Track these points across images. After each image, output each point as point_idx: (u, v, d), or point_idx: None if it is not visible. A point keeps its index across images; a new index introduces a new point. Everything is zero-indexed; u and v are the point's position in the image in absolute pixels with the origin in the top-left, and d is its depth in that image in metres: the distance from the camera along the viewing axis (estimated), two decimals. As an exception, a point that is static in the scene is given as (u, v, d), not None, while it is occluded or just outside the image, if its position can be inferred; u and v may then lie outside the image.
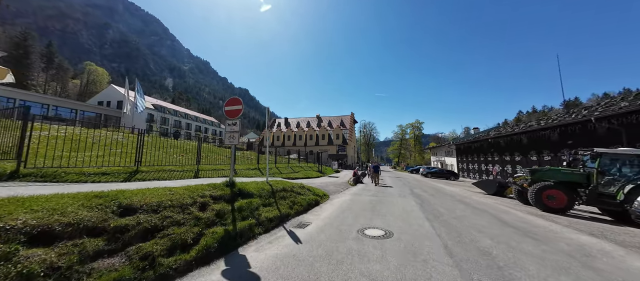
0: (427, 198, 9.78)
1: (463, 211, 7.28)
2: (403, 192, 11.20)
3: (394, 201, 8.61)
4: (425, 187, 15.16)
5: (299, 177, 14.38)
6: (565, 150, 10.71)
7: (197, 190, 4.39)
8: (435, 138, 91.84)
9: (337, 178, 17.31)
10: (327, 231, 4.68)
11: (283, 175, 13.15)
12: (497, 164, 24.44)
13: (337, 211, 6.61)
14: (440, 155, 46.65)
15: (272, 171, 13.41)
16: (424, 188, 14.18)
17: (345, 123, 52.47)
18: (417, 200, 9.11)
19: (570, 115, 16.40)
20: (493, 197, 11.96)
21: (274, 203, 5.78)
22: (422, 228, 4.97)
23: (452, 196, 11.02)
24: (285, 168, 15.65)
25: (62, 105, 33.44)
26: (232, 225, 3.93)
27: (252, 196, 5.31)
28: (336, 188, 11.42)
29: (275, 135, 52.80)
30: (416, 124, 68.54)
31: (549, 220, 6.60)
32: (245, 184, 5.87)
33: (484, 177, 25.80)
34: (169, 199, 3.64)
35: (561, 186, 8.01)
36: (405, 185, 15.43)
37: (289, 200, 6.47)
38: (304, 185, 8.83)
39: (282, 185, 7.19)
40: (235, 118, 5.75)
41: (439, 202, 8.95)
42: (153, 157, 7.85)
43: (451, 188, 15.81)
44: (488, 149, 26.13)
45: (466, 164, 31.99)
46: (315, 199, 7.69)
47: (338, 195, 9.72)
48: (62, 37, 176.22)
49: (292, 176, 13.73)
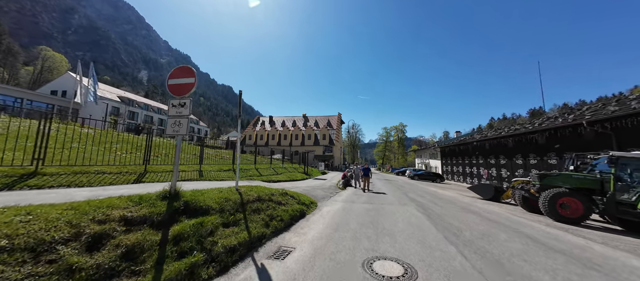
0: (429, 205, 8.58)
1: (480, 224, 6.08)
2: (400, 198, 9.95)
3: (395, 211, 7.24)
4: (419, 191, 14.15)
5: (281, 179, 12.63)
6: (556, 154, 10.21)
7: (100, 208, 2.58)
8: (417, 141, 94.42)
9: (325, 181, 15.79)
10: (318, 265, 3.10)
11: (263, 178, 11.34)
12: (482, 167, 24.54)
13: (329, 228, 5.04)
14: (425, 158, 47.17)
15: (250, 173, 11.54)
16: (419, 192, 13.13)
17: (332, 123, 51.29)
18: (420, 208, 7.84)
19: (559, 119, 16.42)
20: (492, 202, 11.15)
21: (243, 220, 4.07)
22: (451, 259, 3.56)
23: (453, 202, 9.97)
24: (266, 170, 13.81)
25: (6, 92, 28.39)
26: (153, 273, 2.21)
27: (206, 212, 3.56)
28: (325, 193, 9.88)
29: (258, 133, 50.10)
30: (400, 127, 69.58)
31: (580, 235, 5.59)
32: (200, 194, 4.08)
33: (470, 180, 25.84)
34: (14, 231, 1.83)
35: (576, 193, 7.18)
36: (398, 189, 14.31)
37: (265, 213, 4.78)
38: (286, 190, 7.17)
39: (257, 193, 5.48)
40: (183, 97, 3.92)
41: (445, 211, 7.74)
42: (83, 155, 5.73)
43: (445, 192, 14.99)
44: (473, 152, 26.23)
45: (450, 167, 32.17)
46: (300, 209, 6.06)
47: (327, 203, 8.18)
48: (18, 19, 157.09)
49: (273, 179, 11.95)
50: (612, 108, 12.67)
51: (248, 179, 10.20)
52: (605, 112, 12.49)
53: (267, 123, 54.33)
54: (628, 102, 12.96)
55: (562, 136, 15.02)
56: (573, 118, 14.57)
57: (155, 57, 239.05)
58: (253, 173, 11.71)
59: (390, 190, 13.55)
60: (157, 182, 6.01)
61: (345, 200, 8.96)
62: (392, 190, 13.26)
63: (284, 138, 48.75)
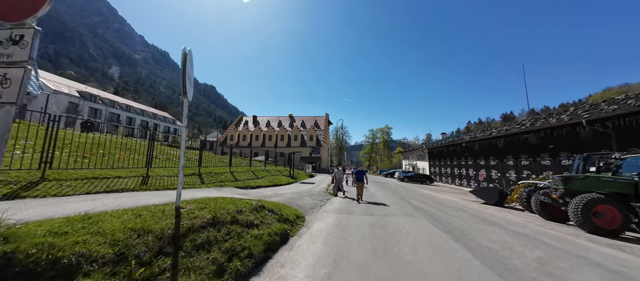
0: (441, 216, 7.13)
1: (517, 244, 4.65)
2: (402, 206, 8.45)
3: (404, 226, 5.65)
4: (417, 195, 12.86)
5: (262, 185, 10.66)
6: (550, 154, 9.39)
7: None
8: (401, 143, 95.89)
9: (313, 185, 14.01)
10: None
11: (238, 184, 9.31)
12: (471, 168, 24.19)
13: (324, 262, 3.29)
14: (412, 159, 47.11)
15: (222, 178, 9.44)
16: (418, 197, 11.81)
17: (320, 124, 49.68)
18: (433, 221, 6.34)
19: (553, 118, 16.10)
20: (498, 208, 10.08)
21: (169, 270, 2.20)
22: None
23: (462, 210, 8.66)
24: (243, 174, 11.73)
25: None
26: None
27: (66, 275, 1.66)
28: (313, 202, 8.10)
29: (240, 134, 47.07)
30: (385, 129, 69.99)
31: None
32: (71, 231, 2.10)
33: (459, 182, 25.42)
34: None
35: (611, 199, 6.10)
36: (393, 193, 12.91)
37: (221, 247, 2.92)
38: (264, 202, 5.30)
39: (214, 211, 3.57)
40: (19, 24, 1.90)
41: (464, 224, 6.31)
42: None
43: (444, 196, 13.87)
44: (462, 153, 25.92)
45: (438, 168, 31.88)
46: (281, 231, 4.24)
47: (318, 215, 6.41)
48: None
49: (252, 184, 9.95)
50: (613, 106, 12.30)
51: (217, 186, 8.14)
52: (605, 110, 12.08)
53: (251, 124, 51.42)
54: (624, 101, 12.68)
55: (558, 136, 14.63)
56: (570, 117, 14.19)
57: (129, 52, 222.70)
58: (226, 178, 9.62)
59: (385, 194, 12.10)
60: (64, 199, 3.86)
61: (340, 210, 7.25)
62: (388, 195, 11.82)
63: (268, 139, 46.22)
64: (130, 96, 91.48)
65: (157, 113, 59.87)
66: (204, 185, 7.71)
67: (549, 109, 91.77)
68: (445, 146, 29.82)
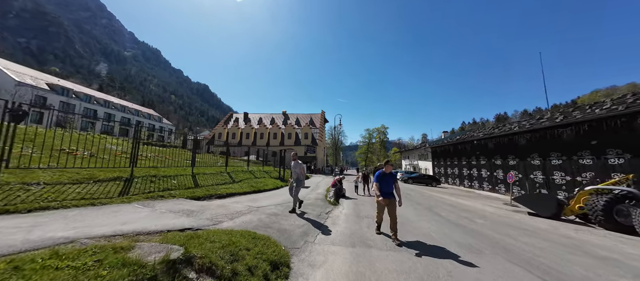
0: (511, 245, 4.36)
1: None
2: (441, 227, 5.67)
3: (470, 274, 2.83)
4: (441, 204, 10.12)
5: (237, 192, 7.69)
6: (592, 152, 6.86)
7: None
8: (397, 144, 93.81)
9: (308, 189, 11.11)
10: None
11: (197, 193, 6.32)
12: (484, 168, 21.71)
13: None
14: (413, 159, 44.71)
15: (174, 183, 6.43)
16: (448, 208, 9.04)
17: (315, 121, 46.75)
18: (515, 261, 3.55)
19: (595, 109, 13.59)
20: (566, 223, 7.39)
21: None
22: None
23: (521, 228, 5.92)
24: (214, 176, 8.73)
25: None
26: None
27: None
28: (306, 223, 5.21)
29: (230, 131, 43.68)
30: (382, 129, 68.02)
31: None
32: None
33: (468, 183, 22.85)
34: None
35: None
36: (412, 202, 10.13)
37: None
38: (194, 247, 2.38)
39: None
40: None
41: (564, 264, 3.53)
42: None
43: (470, 202, 11.18)
44: (472, 152, 23.43)
45: (443, 168, 29.38)
46: None
47: (314, 254, 3.52)
48: None
49: (220, 192, 6.98)
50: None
51: (155, 198, 5.15)
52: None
53: (241, 120, 48.08)
54: None
55: (606, 130, 12.10)
56: (626, 105, 11.61)
57: (118, 49, 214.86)
58: (181, 184, 6.62)
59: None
60: None
61: (350, 236, 4.39)
62: (406, 203, 9.00)
63: (260, 137, 43.02)
64: (116, 93, 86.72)
65: (140, 110, 55.84)
66: (124, 197, 4.70)
67: (541, 110, 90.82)
68: (453, 144, 27.34)
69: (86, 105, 40.94)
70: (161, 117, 62.45)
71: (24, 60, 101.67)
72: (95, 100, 43.71)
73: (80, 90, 42.32)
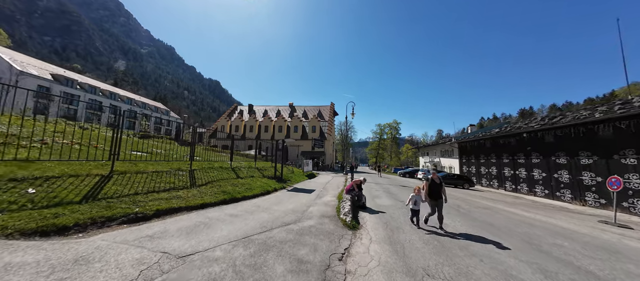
0: None
1: None
2: None
3: None
4: (517, 223, 6.25)
5: (188, 205, 4.37)
6: None
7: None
8: (409, 140, 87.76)
9: (311, 194, 7.67)
10: None
11: (116, 210, 2.90)
12: (536, 168, 17.10)
13: None
14: (433, 156, 39.96)
15: (122, 183, 3.09)
16: (522, 227, 5.19)
17: (324, 114, 43.09)
18: None
19: None
20: None
21: None
22: None
23: None
24: (167, 178, 5.44)
25: None
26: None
27: None
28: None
29: (233, 124, 41.12)
30: (394, 124, 63.41)
31: None
32: None
33: (511, 186, 18.35)
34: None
35: None
36: (466, 217, 6.32)
37: None
38: None
39: None
40: None
41: None
42: None
43: (555, 220, 7.19)
44: (521, 147, 18.73)
45: (475, 167, 24.73)
46: None
47: None
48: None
49: (174, 206, 3.54)
50: None
51: None
52: None
53: (246, 113, 45.40)
54: None
55: None
56: None
57: (135, 46, 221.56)
58: (133, 189, 3.33)
59: (462, 221, 5.43)
60: None
61: None
62: (473, 225, 5.08)
63: (265, 130, 40.09)
64: (129, 88, 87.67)
65: (147, 103, 54.77)
66: None
67: (555, 106, 79.76)
68: (490, 138, 22.58)
69: (91, 97, 39.83)
70: (168, 110, 61.35)
71: (49, 58, 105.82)
72: (100, 92, 42.61)
73: (84, 81, 41.29)
